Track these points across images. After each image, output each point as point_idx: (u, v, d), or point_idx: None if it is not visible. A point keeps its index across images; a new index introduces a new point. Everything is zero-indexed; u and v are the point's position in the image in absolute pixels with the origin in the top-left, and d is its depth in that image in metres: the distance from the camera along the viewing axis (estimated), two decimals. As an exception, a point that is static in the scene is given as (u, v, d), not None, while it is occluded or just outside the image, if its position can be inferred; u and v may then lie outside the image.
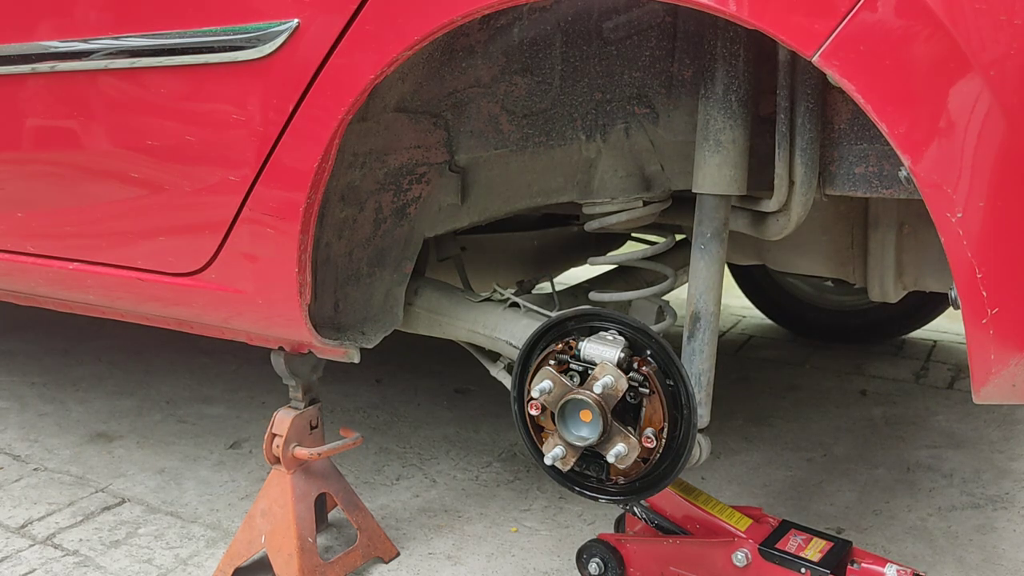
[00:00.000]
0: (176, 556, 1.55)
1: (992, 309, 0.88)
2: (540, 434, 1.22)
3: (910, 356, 2.62)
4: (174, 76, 1.27)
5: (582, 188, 1.42)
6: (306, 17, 1.13)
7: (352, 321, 1.42)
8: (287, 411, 1.45)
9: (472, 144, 1.39)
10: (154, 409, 2.25)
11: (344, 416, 2.19)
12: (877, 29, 0.84)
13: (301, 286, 1.26)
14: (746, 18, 0.89)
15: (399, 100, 1.28)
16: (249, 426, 2.14)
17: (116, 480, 1.85)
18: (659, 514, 1.34)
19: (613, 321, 1.18)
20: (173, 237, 1.38)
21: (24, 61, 1.40)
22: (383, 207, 1.38)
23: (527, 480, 1.83)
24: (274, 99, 1.18)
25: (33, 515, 1.70)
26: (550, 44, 1.31)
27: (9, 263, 1.61)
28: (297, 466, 1.43)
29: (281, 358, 1.44)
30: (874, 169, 1.15)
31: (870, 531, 1.62)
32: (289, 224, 1.22)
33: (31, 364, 2.58)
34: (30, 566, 1.52)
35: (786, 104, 1.14)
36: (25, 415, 2.21)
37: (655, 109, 1.33)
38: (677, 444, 1.13)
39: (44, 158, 1.50)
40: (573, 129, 1.37)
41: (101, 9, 1.31)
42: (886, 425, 2.11)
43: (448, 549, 1.57)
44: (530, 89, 1.34)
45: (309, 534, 1.41)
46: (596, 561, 1.34)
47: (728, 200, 1.22)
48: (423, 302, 1.51)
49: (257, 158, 1.22)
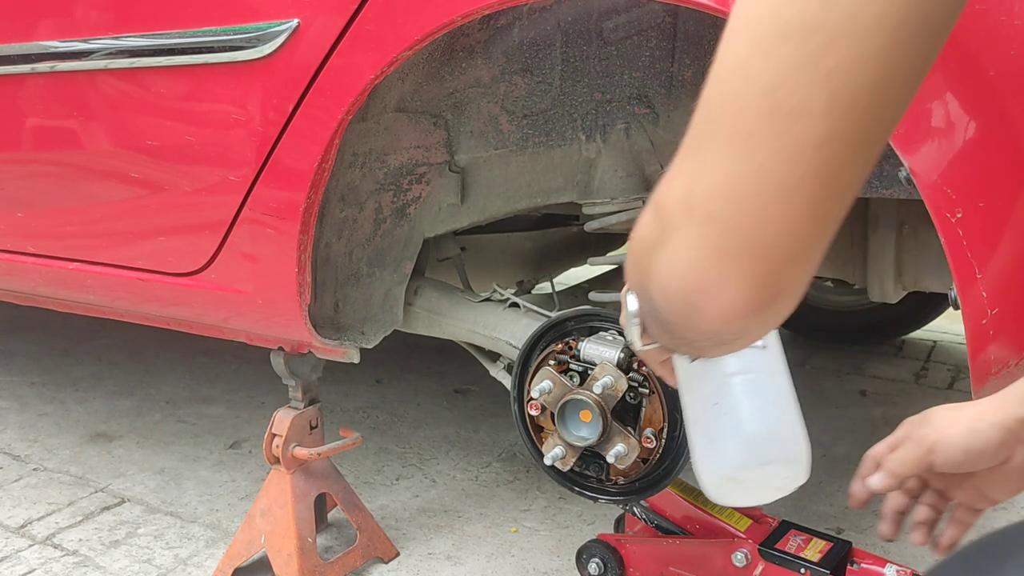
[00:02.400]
0: (176, 556, 1.55)
1: (992, 309, 0.88)
2: (540, 434, 1.22)
3: (910, 356, 2.62)
4: (174, 76, 1.27)
5: (582, 188, 1.42)
6: (306, 17, 1.13)
7: (352, 321, 1.42)
8: (287, 411, 1.45)
9: (472, 144, 1.39)
10: (154, 409, 2.25)
11: (344, 416, 2.19)
12: (877, 29, 0.83)
13: (301, 286, 1.26)
14: (746, 18, 0.88)
15: (399, 100, 1.28)
16: (249, 426, 2.13)
17: (116, 480, 1.85)
18: (659, 514, 1.34)
19: (613, 321, 1.18)
20: (173, 237, 1.38)
21: (24, 61, 1.40)
22: (383, 207, 1.38)
23: (527, 480, 1.83)
24: (274, 99, 1.18)
25: (33, 515, 1.70)
26: (550, 44, 1.31)
27: (9, 263, 1.61)
28: (297, 466, 1.43)
29: (281, 358, 1.44)
30: (874, 169, 1.15)
31: (870, 531, 1.61)
32: (289, 224, 1.22)
33: (31, 364, 2.58)
34: (30, 566, 1.52)
35: (786, 104, 1.14)
36: (25, 415, 2.21)
37: (655, 109, 1.32)
38: (677, 444, 1.13)
39: (44, 158, 1.50)
40: (573, 129, 1.37)
41: (101, 9, 1.31)
42: (886, 425, 2.11)
43: (448, 549, 1.57)
44: (530, 89, 1.34)
45: (309, 534, 1.41)
46: (596, 561, 1.34)
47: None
48: (423, 302, 1.51)
49: (257, 158, 1.22)
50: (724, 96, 0.46)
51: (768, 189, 0.45)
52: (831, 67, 0.42)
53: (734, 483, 0.73)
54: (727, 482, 0.74)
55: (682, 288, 0.50)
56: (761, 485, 0.75)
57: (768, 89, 0.44)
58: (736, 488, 0.74)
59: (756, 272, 0.48)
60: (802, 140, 0.44)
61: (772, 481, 0.76)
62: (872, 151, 0.46)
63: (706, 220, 0.47)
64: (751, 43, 0.45)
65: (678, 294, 0.51)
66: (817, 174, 0.45)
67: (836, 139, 0.44)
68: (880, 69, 0.43)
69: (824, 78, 0.43)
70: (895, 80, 0.44)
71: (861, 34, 0.42)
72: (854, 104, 0.43)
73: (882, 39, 0.42)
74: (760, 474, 0.73)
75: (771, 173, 0.45)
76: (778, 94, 0.43)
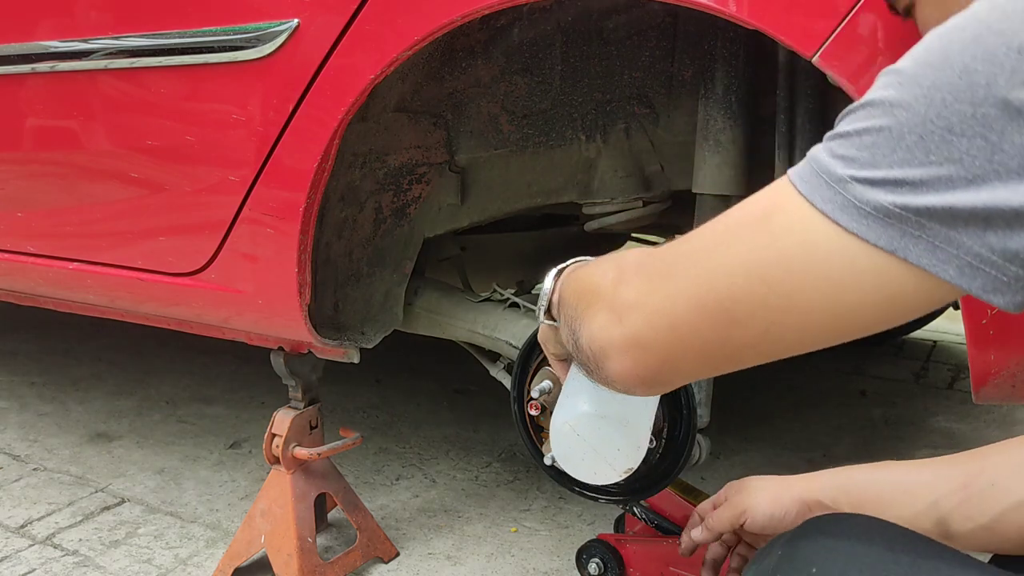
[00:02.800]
0: (176, 556, 1.55)
1: (992, 309, 0.88)
2: (540, 434, 1.22)
3: (910, 356, 2.62)
4: (174, 76, 1.27)
5: (582, 188, 1.42)
6: (306, 17, 1.13)
7: (352, 321, 1.42)
8: (287, 411, 1.44)
9: (472, 144, 1.39)
10: (154, 409, 2.25)
11: (344, 416, 2.19)
12: (877, 29, 0.83)
13: (301, 286, 1.26)
14: (746, 18, 0.89)
15: (399, 100, 1.28)
16: (249, 426, 2.13)
17: (116, 480, 1.85)
18: (659, 514, 1.34)
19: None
20: (173, 237, 1.38)
21: (24, 61, 1.40)
22: (383, 207, 1.38)
23: (526, 480, 1.83)
24: (274, 99, 1.18)
25: (33, 515, 1.70)
26: (550, 44, 1.31)
27: (9, 263, 1.61)
28: (297, 466, 1.43)
29: (281, 358, 1.44)
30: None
31: (870, 531, 1.61)
32: (289, 224, 1.22)
33: (31, 364, 2.58)
34: (30, 566, 1.52)
35: (786, 104, 1.14)
36: (25, 415, 2.21)
37: (655, 109, 1.32)
38: (677, 444, 1.13)
39: (44, 158, 1.50)
40: (573, 129, 1.37)
41: (101, 9, 1.31)
42: (886, 425, 2.11)
43: (448, 549, 1.57)
44: (530, 89, 1.34)
45: (309, 534, 1.41)
46: (596, 561, 1.34)
47: (728, 200, 1.22)
48: (423, 302, 1.51)
49: (257, 158, 1.22)
50: (700, 266, 0.62)
51: (681, 331, 0.63)
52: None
53: (574, 433, 0.90)
54: (570, 428, 0.91)
55: (598, 340, 0.68)
56: (596, 451, 0.93)
57: (723, 291, 0.60)
58: (576, 443, 0.91)
59: (651, 367, 0.66)
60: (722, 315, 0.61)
61: (606, 450, 0.94)
62: (752, 353, 0.63)
63: (641, 318, 0.64)
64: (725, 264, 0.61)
65: (595, 342, 0.68)
66: (717, 332, 0.61)
67: (738, 324, 0.60)
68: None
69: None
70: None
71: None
72: (747, 320, 0.60)
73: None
74: (599, 433, 0.91)
75: (688, 322, 0.62)
76: (725, 300, 0.60)
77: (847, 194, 0.54)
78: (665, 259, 0.65)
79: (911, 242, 0.52)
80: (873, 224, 0.53)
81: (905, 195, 0.52)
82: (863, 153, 0.54)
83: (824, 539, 0.65)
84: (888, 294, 0.55)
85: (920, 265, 0.52)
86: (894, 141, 0.52)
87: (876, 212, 0.53)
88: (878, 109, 0.54)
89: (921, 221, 0.52)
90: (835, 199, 0.54)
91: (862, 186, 0.53)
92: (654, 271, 0.65)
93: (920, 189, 0.51)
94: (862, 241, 0.53)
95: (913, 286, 0.54)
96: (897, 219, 0.52)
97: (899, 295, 0.55)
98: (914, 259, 0.52)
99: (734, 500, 0.93)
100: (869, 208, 0.53)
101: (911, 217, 0.52)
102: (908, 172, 0.52)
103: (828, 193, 0.55)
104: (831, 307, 0.57)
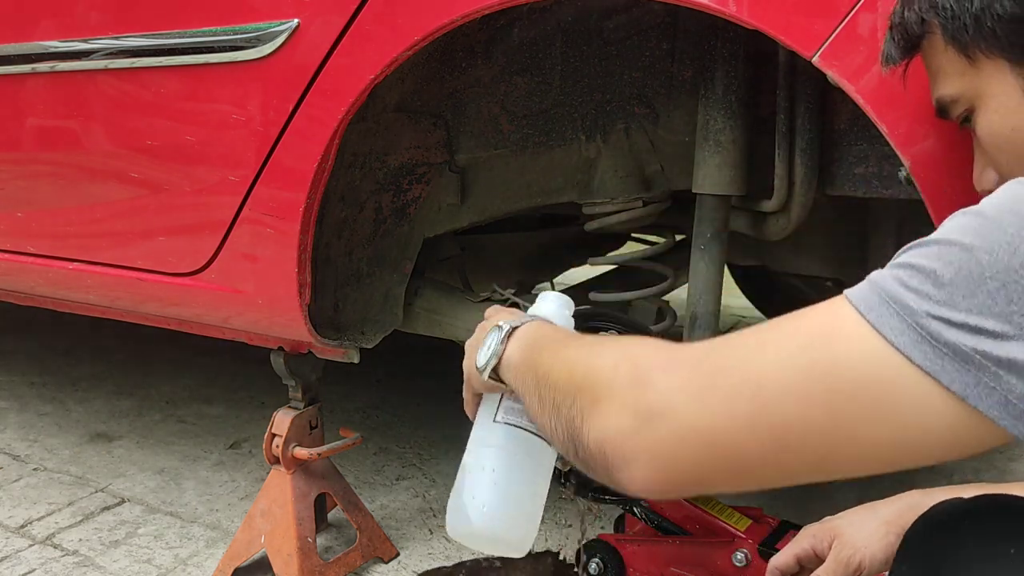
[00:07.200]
0: (176, 556, 1.55)
1: None
2: (540, 434, 1.21)
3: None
4: (174, 76, 1.27)
5: (582, 188, 1.42)
6: (306, 17, 1.13)
7: (352, 321, 1.42)
8: (287, 411, 1.45)
9: (472, 144, 1.39)
10: (154, 409, 2.25)
11: (344, 416, 2.19)
12: (877, 29, 0.84)
13: (301, 286, 1.26)
14: (746, 18, 0.89)
15: (399, 100, 1.28)
16: (249, 426, 2.13)
17: (116, 480, 1.85)
18: (659, 514, 1.34)
19: (613, 321, 1.18)
20: (173, 237, 1.38)
21: (24, 61, 1.40)
22: (383, 207, 1.38)
23: (527, 480, 1.83)
24: (274, 99, 1.18)
25: (33, 515, 1.70)
26: (550, 44, 1.31)
27: (9, 263, 1.61)
28: (297, 466, 1.43)
29: (281, 358, 1.44)
30: (874, 169, 1.15)
31: (870, 531, 1.61)
32: (289, 224, 1.22)
33: (31, 364, 2.58)
34: (30, 566, 1.52)
35: (786, 104, 1.14)
36: (25, 415, 2.21)
37: (655, 109, 1.32)
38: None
39: (44, 158, 1.49)
40: (573, 129, 1.37)
41: (101, 9, 1.31)
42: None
43: (448, 549, 1.57)
44: (530, 89, 1.34)
45: (309, 534, 1.41)
46: (596, 561, 1.34)
47: (728, 200, 1.22)
48: (423, 302, 1.51)
49: (257, 158, 1.22)
50: (749, 384, 0.57)
51: (720, 450, 0.58)
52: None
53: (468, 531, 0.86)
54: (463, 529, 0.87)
55: (614, 444, 0.61)
56: (486, 542, 0.89)
57: (776, 415, 0.56)
58: (469, 531, 0.86)
59: (676, 482, 0.60)
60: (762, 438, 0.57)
61: (493, 548, 0.90)
62: (798, 477, 0.59)
63: (673, 429, 0.58)
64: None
65: (609, 445, 0.61)
66: (763, 453, 0.57)
67: (770, 458, 0.57)
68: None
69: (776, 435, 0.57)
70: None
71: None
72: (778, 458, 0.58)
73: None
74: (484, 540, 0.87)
75: (732, 437, 0.57)
76: (778, 425, 0.56)
77: (922, 330, 0.52)
78: (702, 367, 0.60)
79: (984, 392, 0.51)
80: (948, 366, 0.51)
81: (985, 342, 0.50)
82: (940, 291, 0.52)
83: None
84: (955, 436, 0.53)
85: (991, 417, 0.51)
86: (974, 284, 0.50)
87: (953, 355, 0.51)
88: (956, 248, 0.52)
89: (999, 373, 0.50)
90: (908, 333, 0.52)
91: (939, 323, 0.51)
92: (690, 379, 0.60)
93: (1001, 339, 0.50)
94: (935, 381, 0.51)
95: (982, 432, 0.53)
96: (975, 366, 0.51)
97: (965, 439, 0.53)
98: (984, 409, 0.51)
99: (843, 558, 0.93)
100: (946, 349, 0.51)
101: (989, 366, 0.50)
102: (989, 319, 0.50)
103: (900, 325, 0.52)
104: (897, 441, 0.54)
